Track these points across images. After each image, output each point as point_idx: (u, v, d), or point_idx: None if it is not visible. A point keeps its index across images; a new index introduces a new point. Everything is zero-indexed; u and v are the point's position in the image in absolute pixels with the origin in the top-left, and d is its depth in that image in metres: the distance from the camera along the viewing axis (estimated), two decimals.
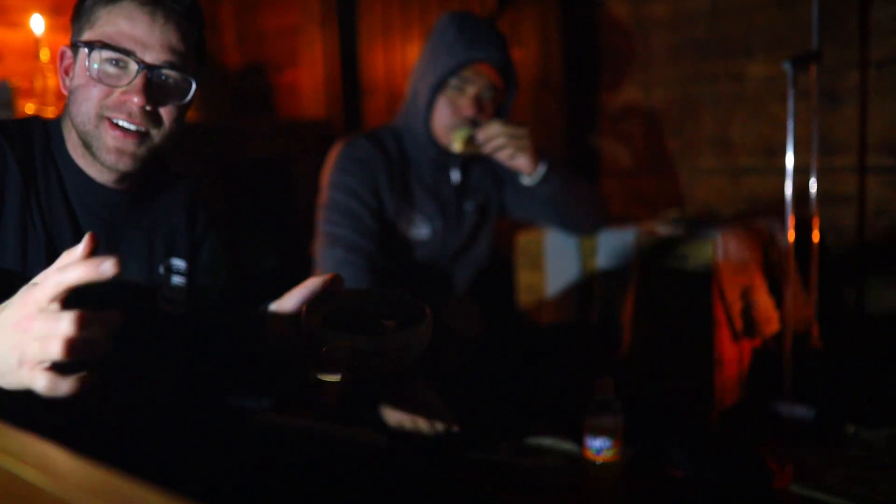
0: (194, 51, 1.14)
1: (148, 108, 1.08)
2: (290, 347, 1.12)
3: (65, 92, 1.14)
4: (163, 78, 1.10)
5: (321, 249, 1.87)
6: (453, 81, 1.86)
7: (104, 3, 1.08)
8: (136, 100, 1.07)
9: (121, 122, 1.08)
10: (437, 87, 1.86)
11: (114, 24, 1.07)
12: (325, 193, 1.92)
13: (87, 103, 1.08)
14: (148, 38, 1.07)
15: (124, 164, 1.10)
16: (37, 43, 2.45)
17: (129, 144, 1.09)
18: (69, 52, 1.13)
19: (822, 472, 1.79)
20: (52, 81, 2.43)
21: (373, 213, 1.88)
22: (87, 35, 1.09)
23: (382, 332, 1.08)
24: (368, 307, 1.19)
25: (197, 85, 1.13)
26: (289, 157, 2.80)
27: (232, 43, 3.45)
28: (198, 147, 2.48)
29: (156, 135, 1.11)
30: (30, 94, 2.50)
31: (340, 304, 1.18)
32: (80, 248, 0.75)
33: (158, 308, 1.20)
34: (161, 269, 1.21)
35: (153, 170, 1.19)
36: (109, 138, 1.08)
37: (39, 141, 1.13)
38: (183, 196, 1.27)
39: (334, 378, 0.96)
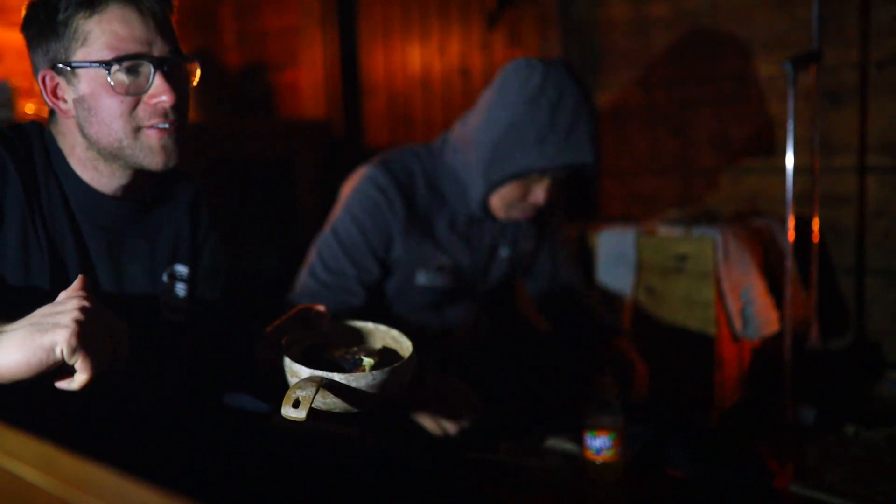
0: (176, 32, 1.13)
1: (177, 102, 1.07)
2: (277, 376, 1.11)
3: (62, 115, 1.10)
4: (174, 68, 1.09)
5: (301, 285, 1.75)
6: (535, 175, 1.68)
7: (86, 16, 1.04)
8: (166, 98, 1.05)
9: (159, 125, 1.07)
10: (515, 176, 1.68)
11: (110, 32, 1.04)
12: (330, 225, 1.78)
13: (118, 120, 1.06)
14: (147, 33, 1.05)
15: (173, 161, 1.10)
16: None
17: (171, 141, 1.08)
18: (52, 74, 1.08)
19: (822, 472, 1.79)
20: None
21: (365, 273, 1.73)
22: (82, 53, 1.05)
23: (360, 369, 1.06)
24: (351, 342, 1.18)
25: (201, 64, 1.13)
26: (289, 157, 2.80)
27: (232, 43, 3.45)
28: (198, 147, 2.48)
29: (184, 125, 1.11)
30: (30, 94, 2.50)
31: (323, 338, 1.17)
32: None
33: (162, 317, 1.19)
34: (165, 277, 1.20)
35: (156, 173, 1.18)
36: (155, 142, 1.07)
37: (38, 150, 1.11)
38: (186, 198, 1.26)
39: (300, 416, 0.94)
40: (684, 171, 2.86)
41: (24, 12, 1.10)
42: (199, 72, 1.13)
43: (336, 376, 0.99)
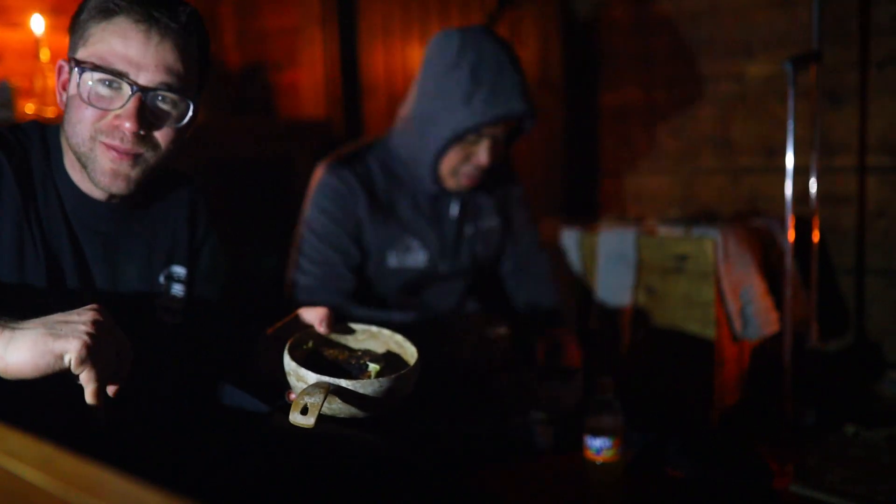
0: (195, 68, 1.10)
1: (141, 132, 1.04)
2: (278, 378, 1.11)
3: (61, 107, 1.10)
4: (158, 100, 1.06)
5: (294, 285, 1.79)
6: (470, 136, 1.73)
7: (98, 20, 1.04)
8: (129, 125, 1.03)
9: (115, 144, 1.05)
10: (452, 140, 1.72)
11: (107, 42, 1.03)
12: (301, 229, 1.83)
13: (81, 125, 1.05)
14: (142, 58, 1.03)
15: (118, 188, 1.07)
16: (37, 43, 2.45)
17: (124, 166, 1.05)
18: (66, 67, 1.09)
19: (822, 472, 1.79)
20: (51, 81, 2.43)
21: (348, 257, 1.78)
22: (80, 52, 1.05)
23: (366, 375, 1.06)
24: (354, 346, 1.18)
25: (195, 107, 1.09)
26: (289, 157, 2.80)
27: (232, 43, 3.44)
28: (197, 147, 2.47)
29: (150, 157, 1.08)
30: (30, 94, 2.49)
31: (326, 342, 1.17)
32: None
33: (157, 319, 1.18)
34: (161, 279, 1.19)
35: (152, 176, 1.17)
36: (106, 160, 1.05)
37: (37, 151, 1.10)
38: (183, 198, 1.25)
39: (308, 423, 0.94)
40: (684, 171, 2.86)
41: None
42: (190, 115, 1.09)
43: (344, 383, 0.98)
